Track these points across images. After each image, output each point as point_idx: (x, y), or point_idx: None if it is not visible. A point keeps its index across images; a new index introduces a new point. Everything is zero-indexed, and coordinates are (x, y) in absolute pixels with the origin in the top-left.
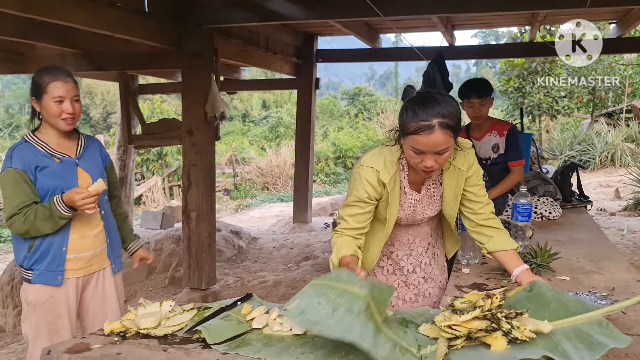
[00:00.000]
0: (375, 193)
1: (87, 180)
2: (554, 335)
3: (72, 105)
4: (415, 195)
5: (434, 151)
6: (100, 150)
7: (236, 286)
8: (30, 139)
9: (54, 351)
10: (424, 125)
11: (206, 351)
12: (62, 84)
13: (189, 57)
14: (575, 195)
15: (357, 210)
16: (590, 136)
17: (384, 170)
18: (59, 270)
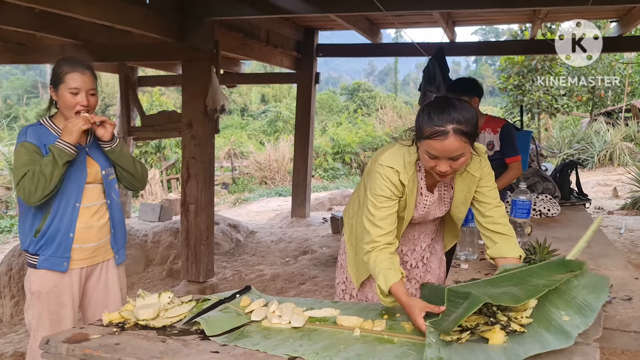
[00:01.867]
0: (397, 192)
1: (95, 168)
2: (545, 311)
3: (87, 97)
4: (431, 197)
5: (448, 157)
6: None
7: (234, 279)
8: (45, 122)
9: (53, 341)
10: (439, 131)
11: (205, 343)
12: (79, 75)
13: (189, 50)
14: (574, 193)
15: (387, 212)
16: (589, 135)
17: (404, 172)
18: (64, 256)
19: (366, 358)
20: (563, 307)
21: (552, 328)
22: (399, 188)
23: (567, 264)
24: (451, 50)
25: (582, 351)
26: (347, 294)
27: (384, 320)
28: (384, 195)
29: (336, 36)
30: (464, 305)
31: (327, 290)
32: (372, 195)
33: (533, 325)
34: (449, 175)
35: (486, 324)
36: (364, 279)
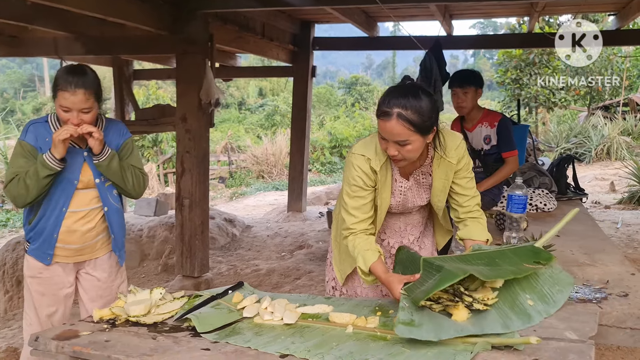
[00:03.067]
0: (369, 180)
1: (88, 175)
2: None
3: (78, 116)
4: (405, 183)
5: (393, 140)
6: (117, 136)
7: (229, 274)
8: (51, 120)
9: (42, 337)
10: (384, 111)
11: (196, 340)
12: (69, 95)
13: (183, 43)
14: (571, 188)
15: (361, 201)
16: (586, 129)
17: (375, 158)
18: (47, 252)
19: (359, 355)
20: (529, 291)
21: (516, 309)
22: (371, 176)
23: (538, 254)
24: (448, 44)
25: (578, 349)
26: (337, 291)
27: (377, 317)
28: (356, 185)
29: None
30: (437, 278)
31: (322, 286)
32: (346, 185)
33: (499, 304)
34: (402, 162)
35: (451, 301)
36: (348, 273)
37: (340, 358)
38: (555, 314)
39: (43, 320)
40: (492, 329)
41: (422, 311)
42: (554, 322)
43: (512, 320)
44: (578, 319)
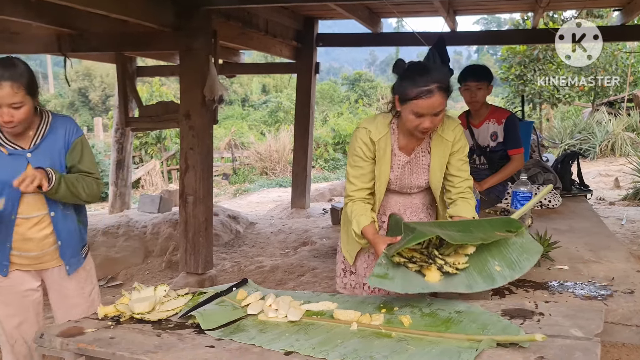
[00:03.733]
0: (368, 151)
1: None
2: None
3: (9, 112)
4: (404, 157)
5: (432, 113)
6: (66, 133)
7: (233, 271)
8: None
9: (47, 334)
10: (425, 91)
11: (200, 337)
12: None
13: (186, 39)
14: (576, 184)
15: (360, 171)
16: (590, 125)
17: (375, 130)
18: (2, 263)
19: (363, 353)
20: (498, 258)
21: (484, 273)
22: (370, 147)
23: (509, 223)
24: (452, 40)
25: (584, 346)
26: (347, 271)
27: (381, 314)
28: (357, 155)
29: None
30: (410, 237)
31: (326, 282)
32: (350, 155)
33: (468, 269)
34: (428, 132)
35: (425, 262)
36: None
37: (345, 355)
38: (561, 311)
39: (10, 332)
40: (456, 288)
41: (398, 268)
42: (559, 319)
43: (477, 283)
44: (584, 317)
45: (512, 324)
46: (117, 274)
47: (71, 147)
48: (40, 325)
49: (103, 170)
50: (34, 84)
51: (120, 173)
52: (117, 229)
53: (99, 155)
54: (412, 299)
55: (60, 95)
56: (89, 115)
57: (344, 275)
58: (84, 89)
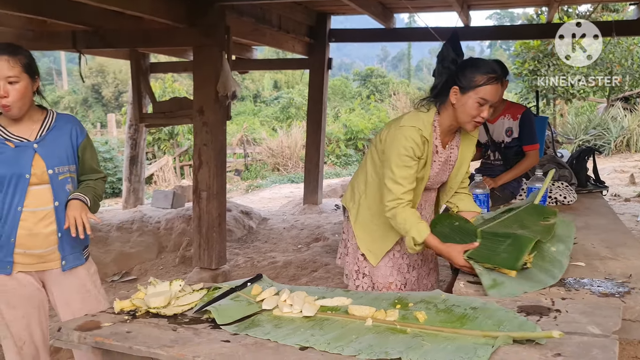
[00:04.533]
0: (419, 151)
1: (41, 167)
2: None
3: (5, 87)
4: (444, 154)
5: (491, 101)
6: (72, 131)
7: (246, 266)
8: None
9: (65, 328)
10: (494, 76)
11: (215, 331)
12: None
13: (200, 35)
14: (591, 181)
15: (409, 171)
16: (605, 120)
17: (424, 128)
18: (6, 260)
19: (378, 348)
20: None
21: (547, 259)
22: (421, 146)
23: (543, 211)
24: (466, 35)
25: (602, 343)
26: (361, 273)
27: (396, 310)
28: (407, 155)
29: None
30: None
31: (339, 278)
32: (396, 156)
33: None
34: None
35: None
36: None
37: (360, 350)
38: (578, 308)
39: (19, 334)
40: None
41: (491, 272)
42: (576, 316)
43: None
44: (601, 314)
45: (529, 320)
46: (131, 269)
47: (80, 148)
48: (45, 325)
49: (116, 167)
50: (32, 64)
51: (134, 169)
52: (131, 224)
53: (112, 151)
54: (427, 295)
55: (74, 92)
56: (102, 112)
57: (357, 278)
58: (97, 85)
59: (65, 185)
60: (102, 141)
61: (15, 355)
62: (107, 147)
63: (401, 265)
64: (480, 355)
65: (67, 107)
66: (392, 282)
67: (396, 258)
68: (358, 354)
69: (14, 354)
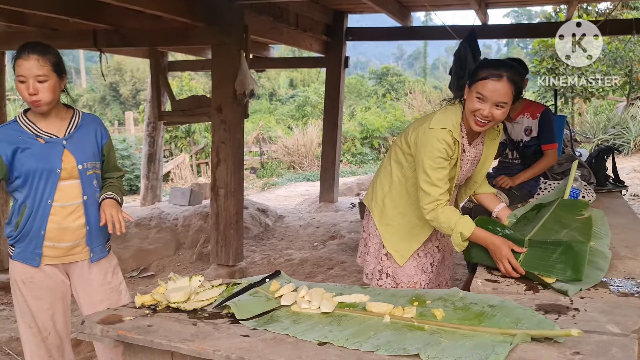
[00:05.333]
0: (451, 151)
1: (71, 163)
2: None
3: (34, 85)
4: (472, 153)
5: (495, 100)
6: (97, 130)
7: (263, 263)
8: (20, 119)
9: (88, 322)
10: (495, 73)
11: (235, 326)
12: (23, 61)
13: (219, 34)
14: (610, 180)
15: (444, 172)
16: (625, 120)
17: (453, 129)
18: (35, 252)
19: (396, 345)
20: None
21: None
22: (452, 147)
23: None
24: (483, 33)
25: (621, 342)
26: (384, 273)
27: (414, 307)
28: (440, 156)
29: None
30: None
31: (355, 275)
32: (429, 159)
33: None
34: (486, 126)
35: None
36: (411, 253)
37: (378, 347)
38: (597, 307)
39: (44, 324)
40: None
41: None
42: (595, 315)
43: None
44: (620, 313)
45: (547, 319)
46: (149, 265)
47: (106, 147)
48: (68, 316)
49: (134, 164)
50: (60, 64)
51: (152, 166)
52: (149, 221)
53: (129, 149)
54: (445, 293)
55: (92, 90)
56: (119, 110)
57: (379, 278)
58: (115, 83)
59: (93, 180)
60: (120, 139)
61: (40, 346)
62: (124, 144)
63: (425, 265)
64: (498, 352)
65: (85, 105)
66: (416, 281)
67: (420, 257)
68: (376, 349)
69: (37, 344)
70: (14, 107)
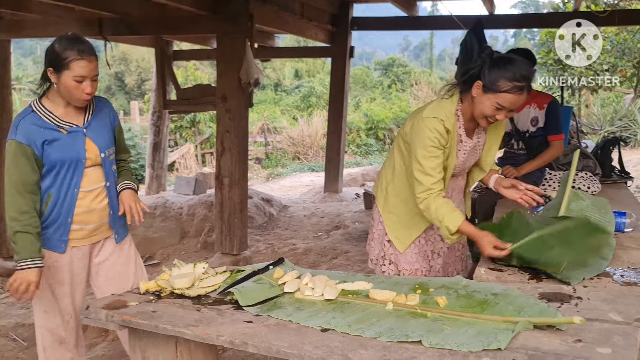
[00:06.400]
0: (443, 140)
1: (94, 151)
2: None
3: (90, 84)
4: (469, 143)
5: (510, 109)
6: (110, 113)
7: (267, 252)
8: (37, 109)
9: (93, 307)
10: (519, 86)
11: (239, 312)
12: (87, 63)
13: (224, 23)
14: (616, 171)
15: (436, 161)
16: (632, 112)
17: (447, 119)
18: (62, 239)
19: (399, 331)
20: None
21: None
22: (445, 136)
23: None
24: (490, 23)
25: (623, 330)
26: (387, 260)
27: (417, 295)
28: (433, 145)
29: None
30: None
31: (359, 265)
32: (422, 148)
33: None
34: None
35: None
36: (411, 241)
37: (381, 333)
38: (600, 296)
39: (66, 308)
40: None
41: None
42: (597, 303)
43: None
44: (623, 302)
45: (550, 307)
46: (154, 254)
47: (117, 129)
48: (84, 299)
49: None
50: None
51: (157, 155)
52: (154, 210)
53: (135, 138)
54: (448, 281)
55: None
56: (124, 99)
57: (382, 264)
58: (120, 73)
59: (112, 165)
60: (126, 128)
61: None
62: (130, 134)
63: (426, 252)
64: (501, 340)
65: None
66: (417, 268)
67: (421, 245)
68: (379, 336)
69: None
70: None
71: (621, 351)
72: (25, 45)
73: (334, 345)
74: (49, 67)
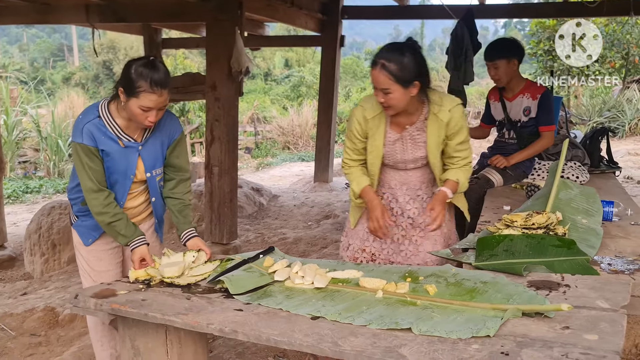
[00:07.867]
0: (360, 128)
1: (141, 170)
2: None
3: (156, 113)
4: (394, 135)
5: (379, 87)
6: (169, 130)
7: (257, 242)
8: (103, 115)
9: (82, 295)
10: (373, 61)
11: (229, 301)
12: (157, 97)
13: (213, 10)
14: (604, 161)
15: (353, 145)
16: (620, 103)
17: (370, 108)
18: (92, 235)
19: (388, 319)
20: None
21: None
22: (362, 124)
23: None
24: (482, 13)
25: (610, 317)
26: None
27: (407, 283)
28: (350, 130)
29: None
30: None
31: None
32: (347, 129)
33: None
34: (390, 110)
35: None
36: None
37: (371, 321)
38: (587, 284)
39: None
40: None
41: None
42: (585, 291)
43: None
44: (610, 289)
45: (538, 294)
46: None
47: (173, 143)
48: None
49: None
50: None
51: None
52: None
53: None
54: (438, 269)
55: (85, 68)
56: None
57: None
58: (109, 61)
59: (160, 182)
60: None
61: None
62: None
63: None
64: (489, 326)
65: (78, 84)
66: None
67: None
68: (369, 324)
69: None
70: (5, 85)
71: (608, 337)
72: (11, 33)
73: (324, 333)
74: (120, 87)
